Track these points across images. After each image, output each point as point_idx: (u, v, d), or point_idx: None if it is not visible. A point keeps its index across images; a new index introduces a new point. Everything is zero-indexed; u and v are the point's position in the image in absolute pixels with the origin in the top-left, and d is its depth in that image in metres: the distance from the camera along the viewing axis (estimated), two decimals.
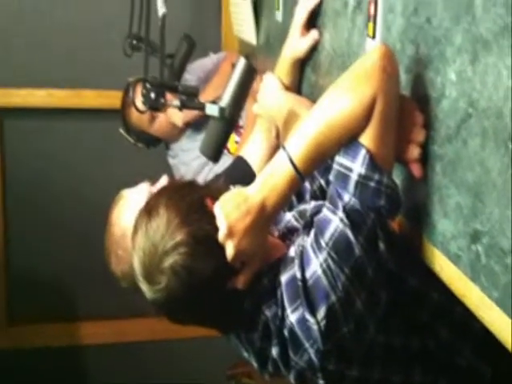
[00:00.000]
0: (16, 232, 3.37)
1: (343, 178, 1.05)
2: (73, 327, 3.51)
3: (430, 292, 1.20)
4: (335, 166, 1.07)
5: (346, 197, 1.05)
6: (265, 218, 1.08)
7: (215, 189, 1.20)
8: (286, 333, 1.11)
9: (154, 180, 1.57)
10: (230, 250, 1.08)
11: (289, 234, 1.27)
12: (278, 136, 1.60)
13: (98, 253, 1.62)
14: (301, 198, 1.41)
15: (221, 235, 1.07)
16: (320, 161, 1.08)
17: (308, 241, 1.10)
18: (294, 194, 1.17)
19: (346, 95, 1.03)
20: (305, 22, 1.60)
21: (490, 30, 0.89)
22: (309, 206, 1.33)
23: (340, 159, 1.06)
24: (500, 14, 0.87)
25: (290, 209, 1.39)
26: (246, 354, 1.24)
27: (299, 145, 1.05)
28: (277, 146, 1.62)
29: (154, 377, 3.50)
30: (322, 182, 1.41)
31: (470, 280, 0.97)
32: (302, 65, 1.70)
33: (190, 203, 1.14)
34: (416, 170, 1.10)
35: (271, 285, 1.14)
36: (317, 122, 1.05)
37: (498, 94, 0.88)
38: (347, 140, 1.04)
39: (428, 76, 1.08)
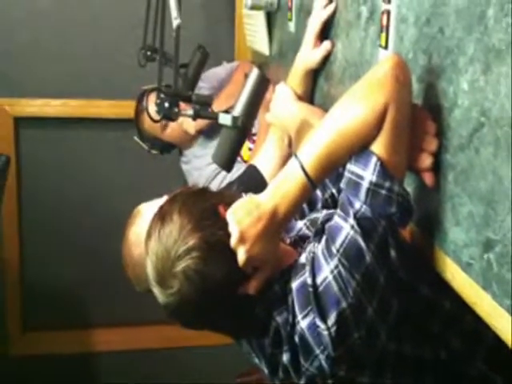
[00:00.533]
0: (31, 241, 3.39)
1: (354, 185, 1.06)
2: (85, 334, 3.54)
3: (442, 301, 1.20)
4: (346, 174, 1.08)
5: (357, 204, 1.05)
6: (276, 224, 1.08)
7: (228, 196, 1.21)
8: (296, 339, 1.12)
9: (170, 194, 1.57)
10: (241, 256, 1.08)
11: (300, 242, 1.28)
12: (290, 145, 1.61)
13: (111, 261, 1.63)
14: (312, 207, 1.42)
15: (233, 241, 1.08)
16: (331, 168, 1.09)
17: (319, 247, 1.11)
18: (305, 201, 1.18)
19: (359, 103, 1.04)
20: (318, 32, 1.61)
21: (503, 39, 0.90)
22: (320, 214, 1.34)
23: (351, 167, 1.06)
24: None
25: (302, 217, 1.40)
26: (257, 360, 1.24)
27: (311, 153, 1.06)
28: (289, 155, 1.63)
29: None
30: (334, 190, 1.41)
31: (481, 288, 0.98)
32: (315, 75, 1.71)
33: (203, 209, 1.15)
34: (428, 178, 1.10)
35: (282, 291, 1.15)
36: (329, 130, 1.06)
37: (510, 103, 0.89)
38: (359, 148, 1.05)
39: (440, 85, 1.08)
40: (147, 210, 1.53)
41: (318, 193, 1.41)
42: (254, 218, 1.07)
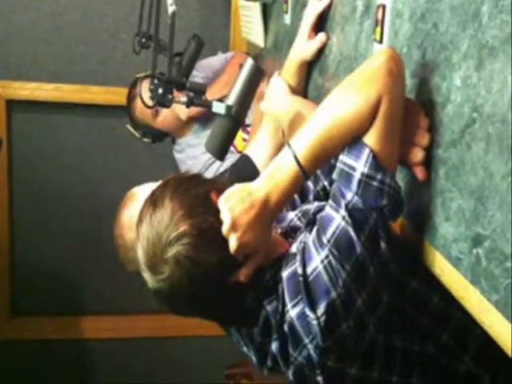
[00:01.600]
0: (21, 225, 3.39)
1: (346, 176, 1.06)
2: (75, 321, 3.53)
3: (431, 295, 1.21)
4: (339, 165, 1.08)
5: (349, 195, 1.06)
6: (268, 212, 1.09)
7: (220, 183, 1.21)
8: (286, 328, 1.12)
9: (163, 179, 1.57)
10: (233, 243, 1.09)
11: (292, 233, 1.28)
12: (284, 136, 1.62)
13: (103, 248, 1.64)
14: (304, 198, 1.42)
15: (224, 228, 1.08)
16: (324, 159, 1.09)
17: (310, 237, 1.11)
18: (297, 190, 1.18)
19: (352, 95, 1.05)
20: (313, 25, 1.61)
21: (497, 36, 0.91)
22: (312, 206, 1.34)
23: (344, 158, 1.07)
24: (506, 20, 0.88)
25: (294, 209, 1.40)
26: (245, 349, 1.25)
27: (304, 142, 1.06)
28: (282, 146, 1.63)
29: (152, 374, 3.52)
30: (326, 183, 1.42)
31: (470, 283, 0.98)
32: (309, 67, 1.71)
33: (195, 196, 1.15)
34: (420, 173, 1.11)
35: (273, 280, 1.15)
36: (322, 120, 1.06)
37: (502, 99, 0.90)
38: (351, 139, 1.05)
39: (434, 81, 1.09)
40: (141, 193, 1.53)
41: (310, 185, 1.42)
42: (247, 206, 1.07)
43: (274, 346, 1.16)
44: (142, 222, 1.16)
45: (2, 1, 3.11)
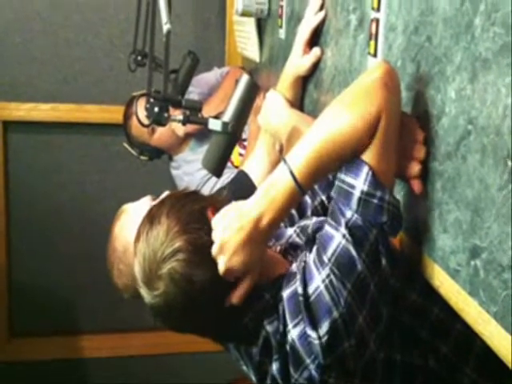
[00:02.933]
0: (19, 245, 3.38)
1: (346, 194, 1.06)
2: (73, 341, 3.52)
3: (431, 307, 1.21)
4: (337, 183, 1.08)
5: (349, 213, 1.05)
6: (261, 232, 1.07)
7: (217, 200, 1.21)
8: (287, 348, 1.12)
9: (155, 196, 1.58)
10: (220, 266, 1.08)
11: (291, 250, 1.28)
12: (281, 151, 1.62)
13: (100, 267, 1.63)
14: (302, 214, 1.42)
15: (213, 250, 1.08)
16: (320, 175, 1.09)
17: (310, 257, 1.10)
18: (293, 206, 1.17)
19: (347, 111, 1.04)
20: (308, 39, 1.62)
21: (490, 48, 0.91)
22: (310, 221, 1.34)
23: (342, 176, 1.07)
24: (499, 33, 0.89)
25: (292, 224, 1.40)
26: (245, 368, 1.24)
27: (300, 158, 1.05)
28: (279, 161, 1.63)
29: None
30: (324, 197, 1.42)
31: (468, 295, 0.98)
32: (305, 82, 1.71)
33: (191, 212, 1.15)
34: (416, 186, 1.11)
35: (273, 300, 1.14)
36: (318, 136, 1.05)
37: (497, 111, 0.90)
38: (348, 155, 1.05)
39: (428, 94, 1.09)
40: (132, 208, 1.55)
41: (308, 200, 1.41)
42: (235, 228, 1.06)
43: (275, 366, 1.15)
44: (139, 238, 1.16)
45: None
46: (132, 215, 1.53)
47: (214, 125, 1.44)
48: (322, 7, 1.60)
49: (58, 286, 3.41)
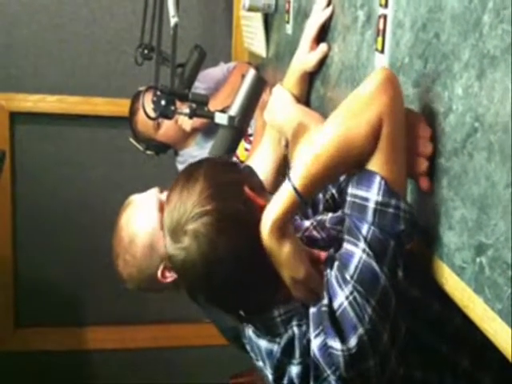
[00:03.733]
0: (24, 237, 3.40)
1: (359, 208, 1.05)
2: (78, 332, 3.54)
3: (452, 316, 1.19)
4: (349, 199, 1.07)
5: (365, 227, 1.04)
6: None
7: (252, 180, 1.20)
8: (312, 355, 1.10)
9: (162, 187, 1.58)
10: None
11: (309, 243, 1.25)
12: (287, 146, 1.62)
13: (105, 259, 1.63)
14: (316, 209, 1.42)
15: None
16: (325, 184, 1.12)
17: (332, 274, 1.08)
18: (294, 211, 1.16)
19: (350, 118, 1.04)
20: (315, 35, 1.61)
21: (498, 46, 0.91)
22: (326, 217, 1.33)
23: (354, 191, 1.06)
24: (507, 30, 0.89)
25: (307, 218, 1.39)
26: (261, 364, 1.22)
27: (304, 175, 1.05)
28: (285, 156, 1.64)
29: None
30: (334, 191, 1.42)
31: (473, 292, 0.98)
32: (311, 77, 1.71)
33: (228, 180, 1.15)
34: (424, 183, 1.11)
35: (304, 305, 1.13)
36: (323, 145, 1.04)
37: (504, 109, 0.90)
38: (353, 164, 1.05)
39: (436, 90, 1.09)
40: (138, 200, 1.55)
41: (320, 195, 1.41)
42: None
43: (295, 370, 1.13)
44: (173, 189, 1.15)
45: (4, 14, 3.13)
46: (138, 206, 1.53)
47: (221, 118, 1.45)
48: (329, 3, 1.60)
49: (63, 278, 3.42)
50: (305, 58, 1.65)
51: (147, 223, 1.49)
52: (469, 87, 0.99)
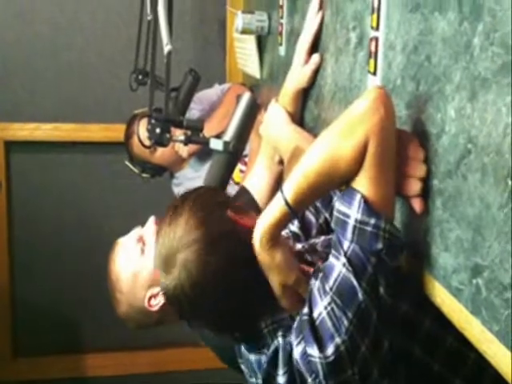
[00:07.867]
0: (21, 264, 3.38)
1: (342, 224, 1.06)
2: (77, 359, 3.52)
3: (445, 335, 1.19)
4: (335, 213, 1.08)
5: (346, 243, 1.05)
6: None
7: (236, 204, 1.24)
8: (295, 363, 1.12)
9: (158, 217, 1.59)
10: None
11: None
12: (281, 162, 1.62)
13: (103, 286, 1.63)
14: (308, 234, 1.43)
15: None
16: (314, 198, 1.15)
17: (316, 284, 1.11)
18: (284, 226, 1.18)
19: (338, 138, 1.05)
20: (307, 49, 1.63)
21: (488, 68, 0.91)
22: (319, 240, 1.34)
23: (338, 206, 1.07)
24: (498, 52, 0.89)
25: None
26: (253, 380, 1.24)
27: (294, 189, 1.07)
28: (279, 174, 1.65)
29: None
30: (327, 215, 1.42)
31: (470, 314, 0.98)
32: (305, 98, 1.72)
33: (211, 207, 1.19)
34: (417, 204, 1.10)
35: (291, 317, 1.16)
36: (310, 163, 1.06)
37: (497, 130, 0.90)
38: (340, 181, 1.07)
39: (428, 112, 1.09)
40: (120, 242, 1.58)
41: (312, 219, 1.42)
42: None
43: (282, 380, 1.15)
44: (163, 222, 1.19)
45: None
46: (120, 248, 1.57)
47: (216, 144, 1.45)
48: (320, 8, 1.61)
49: (62, 305, 3.41)
50: (298, 75, 1.66)
51: (128, 257, 1.53)
52: (461, 109, 0.99)
